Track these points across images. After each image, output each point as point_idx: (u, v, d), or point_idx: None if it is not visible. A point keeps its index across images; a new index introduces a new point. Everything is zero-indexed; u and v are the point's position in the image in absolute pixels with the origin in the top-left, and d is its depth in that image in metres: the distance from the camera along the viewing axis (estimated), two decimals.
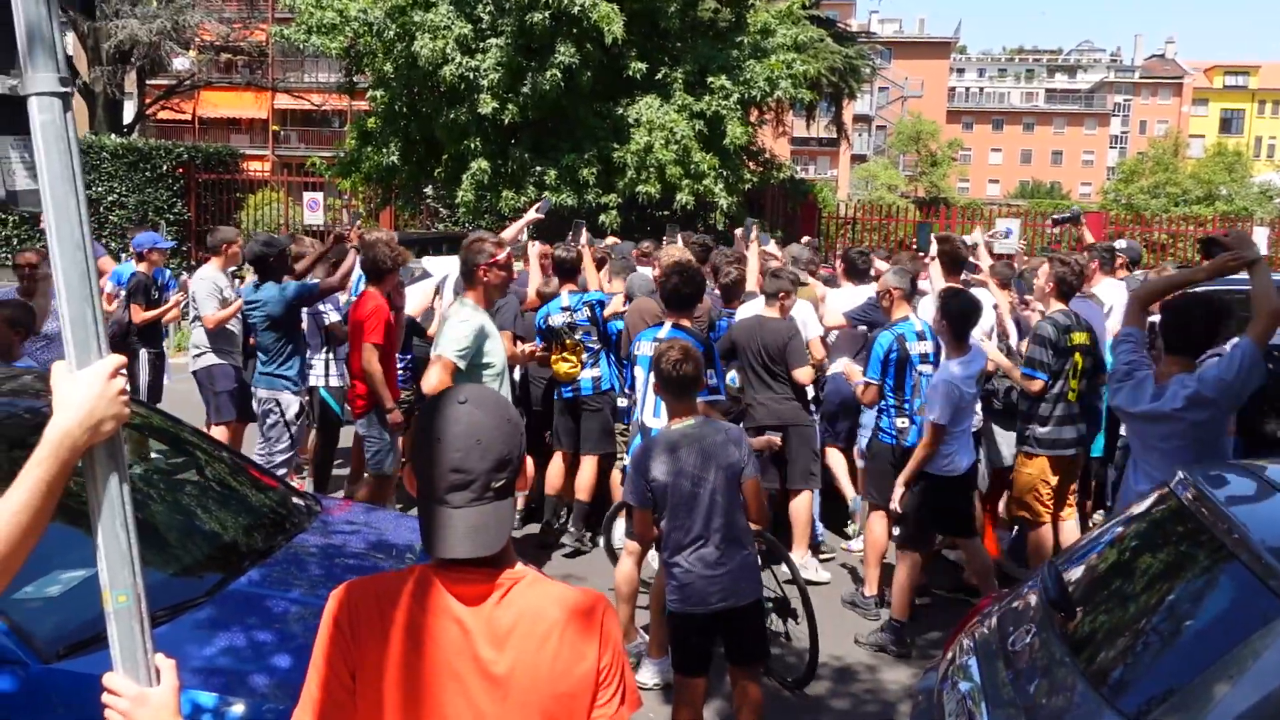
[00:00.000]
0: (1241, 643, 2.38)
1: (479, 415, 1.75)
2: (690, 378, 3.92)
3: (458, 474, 1.71)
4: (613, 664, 1.80)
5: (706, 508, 3.81)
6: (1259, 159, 56.74)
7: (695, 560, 3.82)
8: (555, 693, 1.74)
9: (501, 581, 1.75)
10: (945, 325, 5.23)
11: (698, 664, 3.93)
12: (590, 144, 14.69)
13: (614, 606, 1.86)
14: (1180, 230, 20.35)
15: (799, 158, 57.53)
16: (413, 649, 1.73)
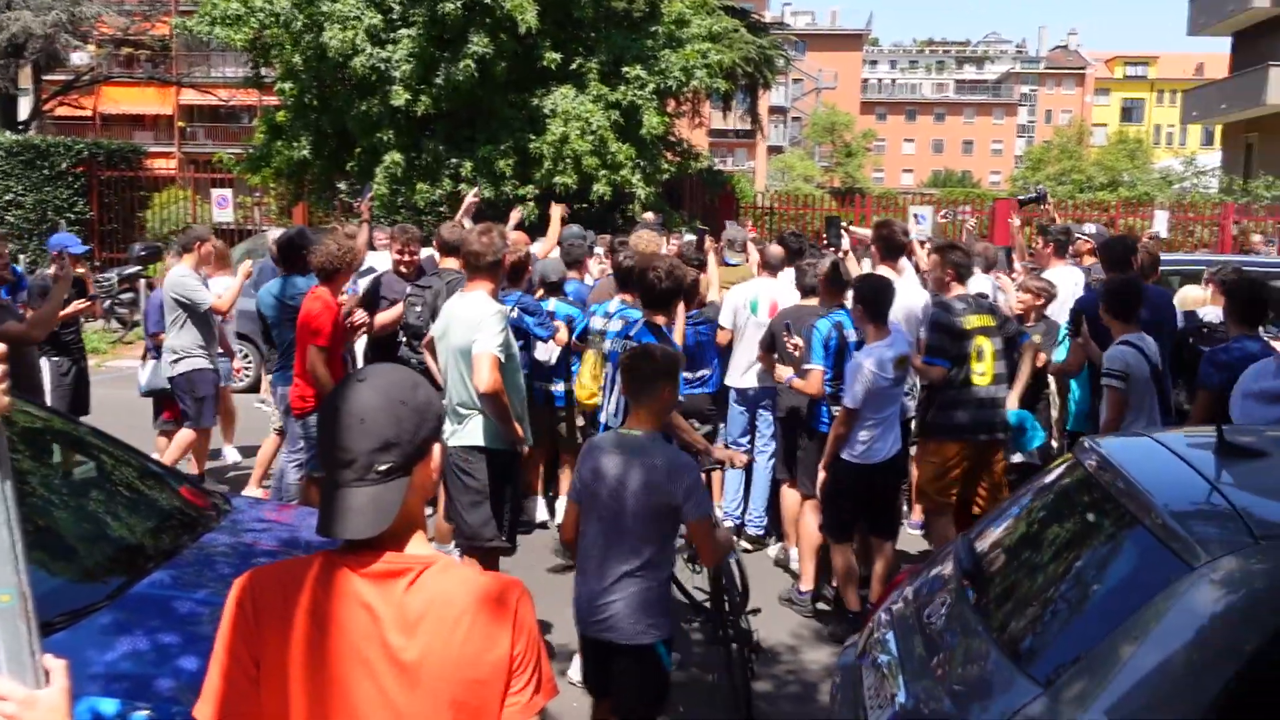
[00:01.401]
0: (1146, 604, 2.44)
1: (368, 395, 1.72)
2: (644, 377, 3.56)
3: (340, 452, 1.69)
4: (526, 651, 1.77)
5: (613, 526, 3.44)
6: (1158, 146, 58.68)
7: (588, 576, 3.51)
8: (466, 680, 1.70)
9: (411, 566, 1.71)
10: (860, 309, 5.24)
11: (594, 686, 3.72)
12: (506, 135, 14.55)
13: (529, 594, 1.82)
14: (1086, 216, 20.90)
15: (717, 149, 57.79)
16: (318, 635, 1.68)
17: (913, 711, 2.76)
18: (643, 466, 3.40)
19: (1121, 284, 5.53)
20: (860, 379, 5.09)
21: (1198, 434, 3.28)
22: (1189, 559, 2.43)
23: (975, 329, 5.52)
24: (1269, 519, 2.58)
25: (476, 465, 4.72)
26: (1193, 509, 2.68)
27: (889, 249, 6.19)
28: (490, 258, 4.75)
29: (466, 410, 4.75)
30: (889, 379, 5.13)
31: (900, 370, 5.20)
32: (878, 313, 5.18)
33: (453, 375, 4.81)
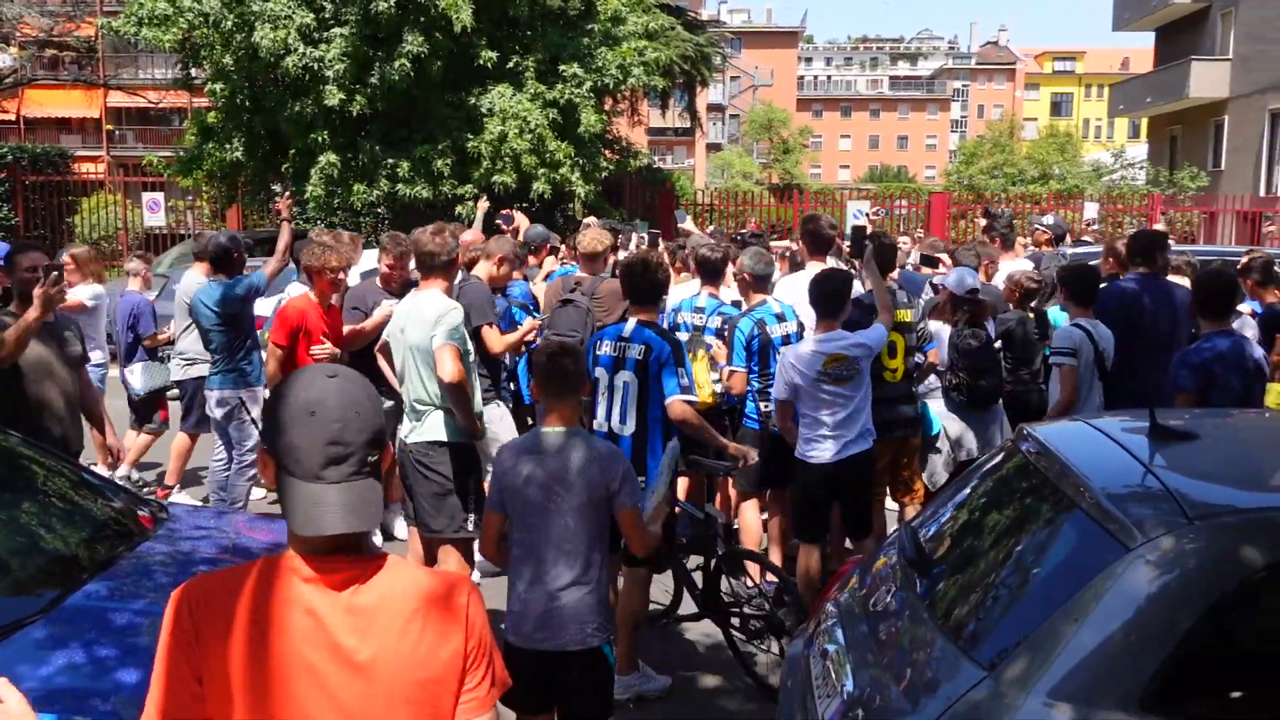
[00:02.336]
0: (1085, 586, 2.49)
1: (353, 389, 1.72)
2: (568, 375, 3.46)
3: (336, 446, 1.66)
4: (479, 647, 1.77)
5: (549, 529, 3.32)
6: (1087, 139, 60.00)
7: (528, 586, 3.35)
8: (420, 679, 1.69)
9: (360, 567, 1.69)
10: (813, 304, 5.16)
11: (528, 703, 3.39)
12: (443, 135, 14.44)
13: (479, 590, 1.81)
14: (1019, 209, 21.31)
15: (656, 147, 57.94)
16: (260, 645, 1.65)
17: (860, 699, 2.79)
18: (576, 462, 3.34)
19: (1080, 270, 5.64)
20: (780, 370, 5.06)
21: (1132, 418, 3.35)
22: (1125, 541, 2.48)
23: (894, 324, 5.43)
24: (1202, 500, 2.64)
25: (439, 460, 4.71)
26: (1128, 492, 2.74)
27: (815, 243, 6.13)
28: (444, 257, 4.79)
29: (424, 406, 4.75)
30: (809, 375, 4.95)
31: (835, 368, 4.95)
32: (826, 309, 5.07)
33: (411, 373, 4.78)
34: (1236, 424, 3.71)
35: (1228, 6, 27.82)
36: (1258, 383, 4.70)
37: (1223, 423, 3.71)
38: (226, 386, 6.29)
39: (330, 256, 5.84)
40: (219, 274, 6.36)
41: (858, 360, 4.99)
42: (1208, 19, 28.86)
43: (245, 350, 6.35)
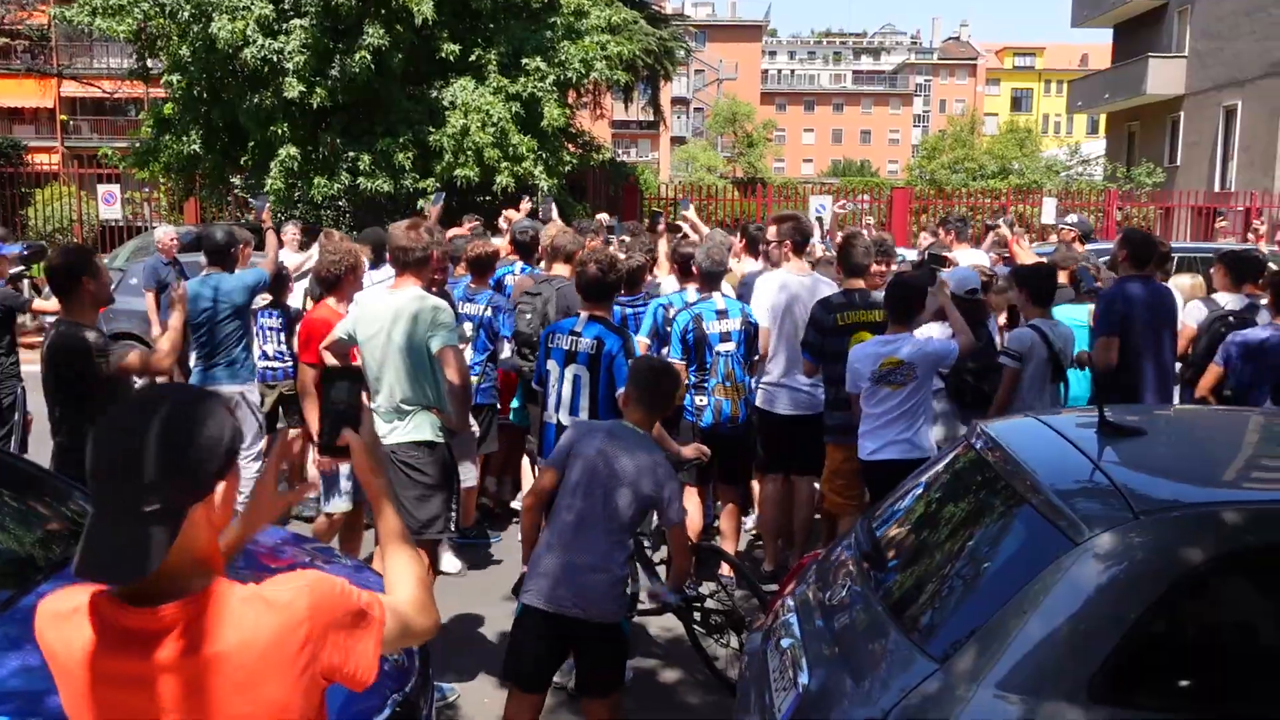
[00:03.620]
0: (1034, 579, 2.53)
1: (141, 424, 1.54)
2: (666, 394, 3.89)
3: (104, 487, 1.52)
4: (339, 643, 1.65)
5: (605, 505, 3.60)
6: (1046, 135, 60.64)
7: (566, 554, 3.57)
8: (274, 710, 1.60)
9: (182, 617, 1.55)
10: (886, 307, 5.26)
11: (532, 676, 3.66)
12: (405, 128, 14.36)
13: (321, 579, 1.66)
14: (979, 203, 21.53)
15: (620, 141, 57.96)
16: (85, 692, 1.59)
17: (816, 692, 2.83)
18: (644, 460, 3.65)
19: (1038, 270, 5.71)
20: (849, 366, 5.16)
21: (1082, 415, 3.42)
22: (1073, 535, 2.53)
23: (855, 324, 5.48)
24: (1148, 495, 2.70)
25: (425, 460, 4.59)
26: (1076, 487, 2.80)
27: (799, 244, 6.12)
28: (418, 253, 4.61)
29: (410, 406, 4.59)
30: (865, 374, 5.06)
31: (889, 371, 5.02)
32: (898, 314, 5.12)
33: (391, 374, 4.57)
34: (1184, 420, 3.80)
35: (1184, 4, 28.22)
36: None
37: (1170, 419, 3.79)
38: (228, 382, 6.18)
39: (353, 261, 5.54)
40: (217, 268, 6.32)
41: (914, 367, 5.01)
42: (1165, 16, 29.26)
43: (246, 345, 6.36)
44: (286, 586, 1.63)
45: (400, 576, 1.87)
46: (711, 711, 4.61)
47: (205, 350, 6.23)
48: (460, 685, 4.70)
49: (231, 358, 6.23)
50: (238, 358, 6.25)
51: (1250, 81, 24.57)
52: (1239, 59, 24.97)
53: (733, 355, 5.57)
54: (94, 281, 4.49)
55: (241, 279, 6.28)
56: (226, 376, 6.20)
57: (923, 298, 5.21)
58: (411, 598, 1.84)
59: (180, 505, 1.54)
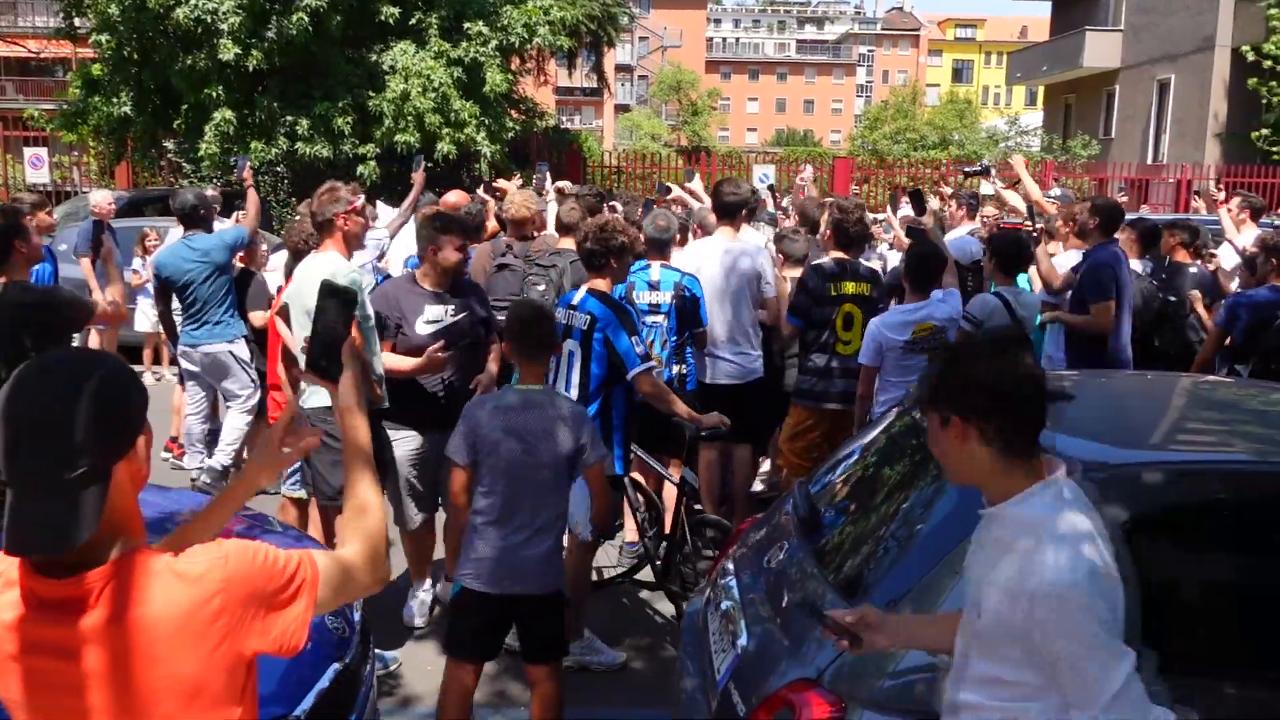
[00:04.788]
0: (965, 540, 2.59)
1: (48, 391, 1.50)
2: (542, 337, 3.70)
3: (19, 460, 1.47)
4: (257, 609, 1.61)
5: (527, 482, 3.55)
6: (986, 106, 61.36)
7: (501, 535, 3.55)
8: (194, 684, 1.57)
9: (101, 583, 1.52)
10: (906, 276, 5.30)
11: (471, 649, 3.67)
12: (344, 92, 14.10)
13: (241, 549, 1.62)
14: (920, 174, 21.74)
15: (564, 107, 57.47)
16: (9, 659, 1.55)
17: (754, 652, 2.88)
18: (551, 417, 3.58)
19: (1009, 239, 5.83)
20: (869, 335, 5.16)
21: None
22: None
23: (844, 295, 5.48)
24: (1072, 455, 2.76)
25: (335, 425, 4.58)
26: None
27: (722, 210, 6.02)
28: (320, 216, 4.59)
29: None
30: (897, 341, 5.08)
31: (924, 338, 5.08)
32: (918, 282, 5.20)
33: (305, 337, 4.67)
34: (1112, 383, 3.90)
35: None
36: None
37: (1100, 382, 3.88)
38: (214, 340, 6.35)
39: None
40: (192, 231, 6.42)
41: (945, 330, 5.10)
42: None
43: (228, 304, 6.41)
44: (201, 558, 1.59)
45: (351, 520, 1.85)
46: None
47: (191, 311, 6.34)
48: (402, 652, 4.70)
49: (216, 317, 6.33)
50: (222, 317, 6.35)
51: (1183, 56, 25.05)
52: (1172, 34, 25.42)
53: (658, 327, 5.49)
54: (25, 244, 4.61)
55: (220, 237, 6.39)
56: (213, 334, 6.34)
57: (943, 266, 5.29)
58: (357, 548, 1.82)
59: (107, 465, 1.51)
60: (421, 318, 4.79)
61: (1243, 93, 22.06)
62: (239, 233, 6.55)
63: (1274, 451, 3.01)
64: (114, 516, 1.54)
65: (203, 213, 6.45)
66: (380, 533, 1.87)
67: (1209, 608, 2.78)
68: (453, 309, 4.85)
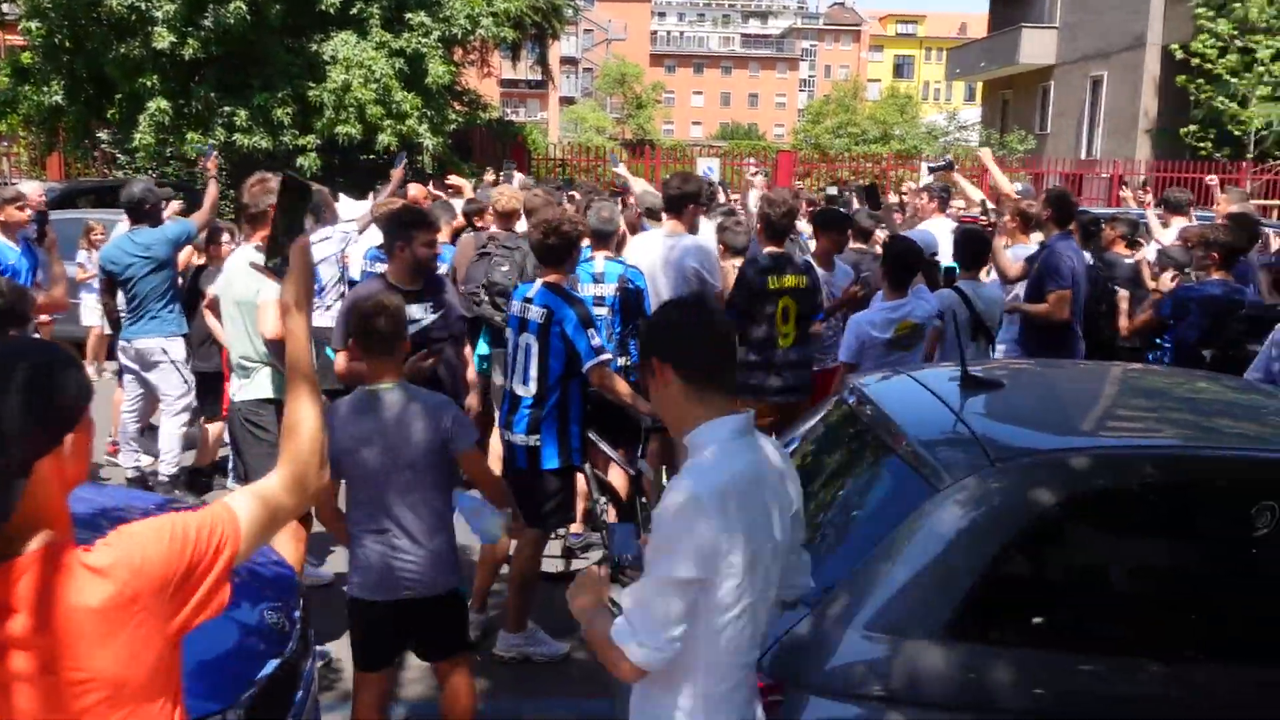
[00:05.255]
0: (899, 526, 2.66)
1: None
2: (388, 334, 3.45)
3: None
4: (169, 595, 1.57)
5: (394, 485, 3.37)
6: (926, 102, 62.14)
7: (379, 541, 3.40)
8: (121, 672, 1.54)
9: (11, 575, 1.50)
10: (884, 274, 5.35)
11: (376, 658, 3.54)
12: (283, 82, 13.88)
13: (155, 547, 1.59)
14: (861, 167, 21.99)
15: (509, 100, 57.13)
16: None
17: None
18: (407, 415, 3.39)
19: (972, 234, 5.93)
20: (850, 331, 5.25)
21: (949, 370, 3.54)
22: (935, 483, 2.66)
23: (783, 289, 5.49)
24: (1004, 443, 2.85)
25: (266, 418, 4.60)
26: (939, 437, 2.93)
27: (668, 204, 6.06)
28: (253, 209, 4.63)
29: (251, 364, 4.64)
30: (880, 339, 5.17)
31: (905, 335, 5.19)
32: (897, 279, 5.27)
33: (235, 329, 4.68)
34: (1040, 373, 4.00)
35: None
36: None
37: (1028, 372, 3.98)
38: (149, 335, 6.26)
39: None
40: (139, 224, 6.30)
41: (924, 328, 5.18)
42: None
43: (168, 300, 6.31)
44: (110, 550, 1.56)
45: (282, 441, 1.84)
46: None
47: (131, 305, 6.25)
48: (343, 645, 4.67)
49: (154, 312, 6.23)
50: (160, 312, 6.24)
51: (1115, 54, 25.59)
52: (1105, 32, 25.95)
53: (603, 320, 5.45)
54: None
55: (164, 232, 6.27)
56: (148, 330, 6.25)
57: (921, 263, 5.36)
58: (281, 474, 1.80)
59: (27, 459, 1.48)
60: None
61: (1172, 90, 22.60)
62: (184, 227, 6.42)
63: (1200, 437, 3.12)
64: (34, 511, 1.50)
65: (148, 206, 6.32)
66: (308, 453, 1.84)
67: (1136, 589, 2.87)
68: (431, 306, 4.71)
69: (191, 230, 6.45)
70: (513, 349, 4.68)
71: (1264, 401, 3.52)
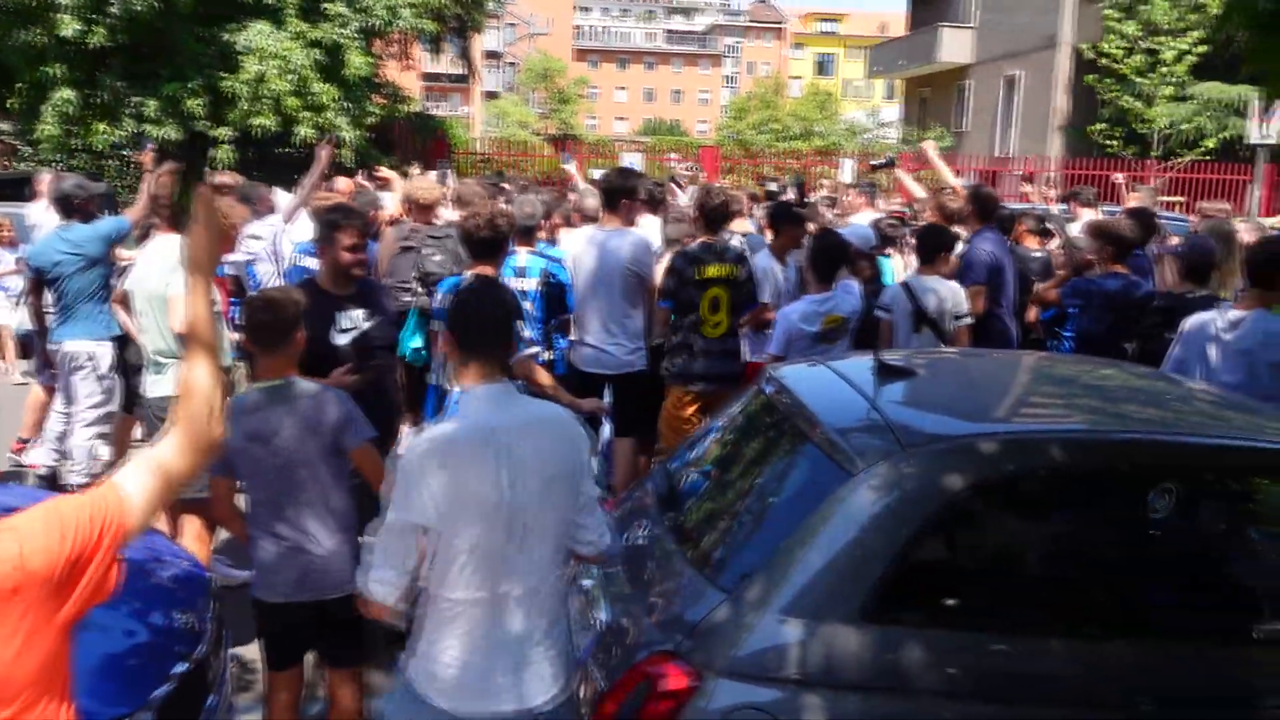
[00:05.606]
0: (814, 511, 2.69)
1: None
2: (273, 327, 3.35)
3: None
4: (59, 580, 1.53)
5: (285, 484, 3.30)
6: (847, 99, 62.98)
7: (275, 541, 3.33)
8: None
9: None
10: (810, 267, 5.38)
11: (283, 657, 3.47)
12: (194, 73, 13.55)
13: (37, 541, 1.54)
14: (783, 164, 22.20)
15: (431, 94, 56.49)
16: None
17: (614, 629, 2.91)
18: (295, 410, 3.32)
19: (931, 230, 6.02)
20: (779, 325, 5.25)
21: (864, 359, 3.59)
22: (849, 468, 2.70)
23: (710, 279, 5.50)
24: (916, 429, 2.90)
25: None
26: (853, 424, 2.97)
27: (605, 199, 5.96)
28: (163, 200, 4.56)
29: (165, 359, 4.56)
30: (809, 332, 5.17)
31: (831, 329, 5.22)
32: (822, 273, 5.31)
33: (148, 323, 4.62)
34: (954, 362, 4.08)
35: None
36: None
37: (942, 361, 4.06)
38: (76, 338, 5.87)
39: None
40: (69, 220, 5.97)
41: (849, 321, 5.22)
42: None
43: (98, 300, 5.95)
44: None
45: (178, 404, 1.80)
46: None
47: (60, 304, 5.90)
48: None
49: (85, 313, 5.88)
50: (91, 313, 5.88)
51: (1029, 53, 26.21)
52: (1019, 32, 26.57)
53: (526, 315, 5.48)
54: None
55: (96, 229, 5.93)
56: (77, 332, 5.88)
57: (847, 256, 5.42)
58: (173, 439, 1.76)
59: None
60: (335, 327, 4.31)
61: (1082, 89, 23.23)
62: (117, 224, 6.12)
63: (1105, 422, 3.21)
64: None
65: (78, 202, 6.02)
66: (202, 415, 1.82)
67: (1044, 570, 2.95)
68: (365, 313, 4.42)
69: (125, 227, 6.14)
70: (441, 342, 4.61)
71: (1167, 388, 3.64)
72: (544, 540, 2.54)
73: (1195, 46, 19.68)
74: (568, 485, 2.57)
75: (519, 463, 2.47)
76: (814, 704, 2.49)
